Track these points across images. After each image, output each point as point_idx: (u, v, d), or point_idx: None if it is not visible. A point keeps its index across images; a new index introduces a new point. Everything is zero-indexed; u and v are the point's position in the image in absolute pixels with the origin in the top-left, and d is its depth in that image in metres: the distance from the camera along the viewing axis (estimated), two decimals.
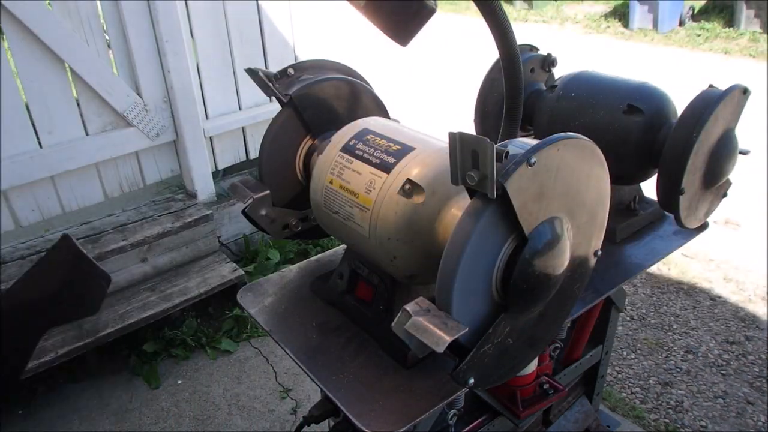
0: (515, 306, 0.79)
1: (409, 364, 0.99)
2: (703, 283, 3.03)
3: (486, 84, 1.45)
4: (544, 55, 1.45)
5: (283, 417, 2.27)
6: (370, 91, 1.22)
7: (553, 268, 0.80)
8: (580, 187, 0.82)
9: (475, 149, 0.68)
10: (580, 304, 1.16)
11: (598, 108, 1.27)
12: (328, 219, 1.05)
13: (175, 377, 2.47)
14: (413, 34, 0.92)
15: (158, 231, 2.59)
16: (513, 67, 1.00)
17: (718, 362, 2.49)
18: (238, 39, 2.89)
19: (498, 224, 0.74)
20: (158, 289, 2.56)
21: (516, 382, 1.29)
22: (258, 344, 2.64)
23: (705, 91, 1.18)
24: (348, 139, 1.03)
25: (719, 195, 1.32)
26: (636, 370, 2.48)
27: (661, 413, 2.25)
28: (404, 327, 0.73)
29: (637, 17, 8.14)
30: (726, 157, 1.20)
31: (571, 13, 9.46)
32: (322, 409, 1.17)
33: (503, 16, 0.93)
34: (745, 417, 2.21)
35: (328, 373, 1.00)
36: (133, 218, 2.65)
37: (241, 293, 1.23)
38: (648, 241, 1.38)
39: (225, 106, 2.98)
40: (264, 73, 1.10)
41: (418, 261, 0.94)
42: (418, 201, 0.90)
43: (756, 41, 7.21)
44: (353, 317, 1.12)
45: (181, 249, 2.68)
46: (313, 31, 3.18)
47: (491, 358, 0.81)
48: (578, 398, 1.75)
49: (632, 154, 1.25)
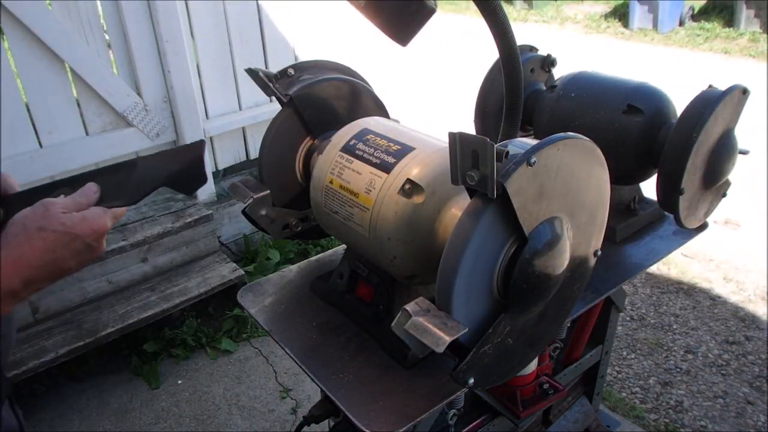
0: (515, 306, 0.79)
1: (409, 364, 0.99)
2: (703, 283, 3.04)
3: (486, 84, 1.45)
4: (544, 56, 1.45)
5: (283, 417, 2.27)
6: (370, 91, 1.22)
7: (553, 268, 0.80)
8: (580, 187, 0.82)
9: (475, 149, 0.68)
10: (580, 304, 1.16)
11: (598, 108, 1.27)
12: (328, 219, 1.05)
13: (175, 377, 2.47)
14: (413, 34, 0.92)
15: (158, 231, 2.59)
16: (513, 67, 1.00)
17: (717, 362, 2.49)
18: (238, 39, 2.89)
19: (498, 224, 0.74)
20: (158, 289, 2.56)
21: (516, 382, 1.29)
22: (258, 344, 2.64)
23: (705, 91, 1.18)
24: (348, 139, 1.03)
25: (719, 195, 1.32)
26: (636, 370, 2.48)
27: (661, 413, 2.25)
28: (404, 327, 0.73)
29: (637, 17, 8.14)
30: (726, 157, 1.20)
31: (571, 13, 9.46)
32: (322, 409, 1.17)
33: (503, 16, 0.93)
34: (745, 417, 2.21)
35: (328, 373, 1.00)
36: (133, 218, 2.65)
37: (241, 293, 1.23)
38: (648, 241, 1.38)
39: (225, 106, 2.98)
40: (264, 73, 1.10)
41: (418, 261, 0.94)
42: (418, 201, 0.90)
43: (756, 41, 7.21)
44: (353, 317, 1.12)
45: (181, 249, 2.69)
46: (313, 31, 3.18)
47: (491, 358, 0.81)
48: (578, 398, 1.75)
49: (632, 154, 1.25)
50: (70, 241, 0.75)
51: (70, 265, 0.76)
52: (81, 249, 0.77)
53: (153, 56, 2.59)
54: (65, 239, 0.75)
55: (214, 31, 2.81)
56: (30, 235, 0.74)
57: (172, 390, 2.40)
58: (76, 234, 0.76)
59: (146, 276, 2.61)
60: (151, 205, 2.79)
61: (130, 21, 2.48)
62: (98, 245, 0.79)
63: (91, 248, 0.78)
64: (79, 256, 0.77)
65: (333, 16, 3.23)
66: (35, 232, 0.74)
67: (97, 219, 0.78)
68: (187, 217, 2.68)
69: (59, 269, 0.76)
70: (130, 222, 2.63)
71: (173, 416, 2.29)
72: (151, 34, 2.55)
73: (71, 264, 0.77)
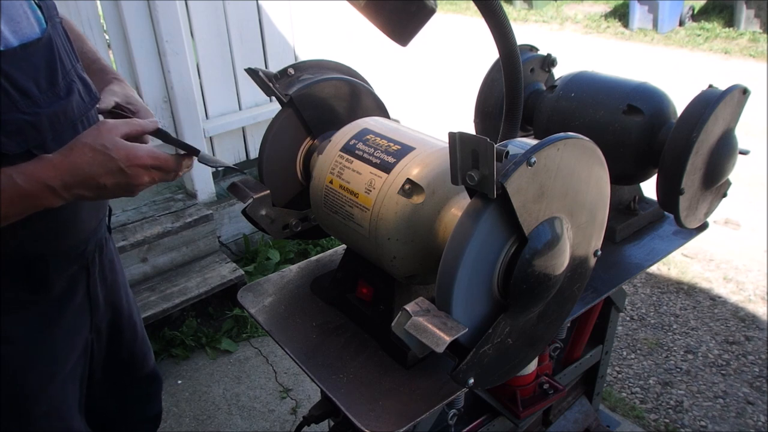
0: (515, 306, 0.79)
1: (409, 364, 0.99)
2: (703, 283, 3.04)
3: (486, 84, 1.45)
4: (544, 55, 1.45)
5: (283, 417, 2.27)
6: (370, 91, 1.22)
7: (553, 268, 0.80)
8: (580, 187, 0.82)
9: (475, 149, 0.68)
10: (580, 304, 1.16)
11: (598, 108, 1.27)
12: (328, 219, 1.05)
13: (175, 377, 2.47)
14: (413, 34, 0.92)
15: (158, 231, 2.59)
16: (513, 67, 1.00)
17: (718, 362, 2.49)
18: (238, 39, 2.89)
19: (498, 224, 0.74)
20: (158, 289, 2.56)
21: (516, 382, 1.29)
22: (258, 344, 2.64)
23: (705, 91, 1.18)
24: (348, 139, 1.03)
25: (719, 195, 1.32)
26: (636, 370, 2.48)
27: (661, 413, 2.25)
28: (404, 327, 0.73)
29: (637, 17, 8.14)
30: (726, 157, 1.20)
31: (571, 14, 9.46)
32: (322, 409, 1.16)
33: (503, 16, 0.93)
34: (745, 417, 2.21)
35: (328, 373, 1.00)
36: (133, 218, 2.65)
37: (241, 293, 1.23)
38: (648, 241, 1.39)
39: (225, 106, 2.98)
40: (264, 73, 1.10)
41: (418, 261, 0.94)
42: (418, 201, 0.90)
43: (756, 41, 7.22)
44: (353, 317, 1.12)
45: (181, 249, 2.68)
46: (313, 31, 3.18)
47: (491, 358, 0.81)
48: (578, 398, 1.75)
49: (632, 154, 1.25)
50: (106, 161, 0.86)
51: (105, 182, 0.87)
52: (115, 171, 0.87)
53: (153, 56, 2.59)
54: (102, 158, 0.86)
55: (214, 31, 2.81)
56: (77, 147, 0.86)
57: (171, 390, 2.40)
58: (112, 156, 0.87)
59: (146, 276, 2.61)
60: (151, 205, 2.79)
61: (130, 21, 2.48)
62: (132, 174, 0.89)
63: (125, 174, 0.88)
64: (113, 177, 0.88)
65: (333, 16, 3.23)
66: (81, 146, 0.86)
67: (135, 149, 0.89)
68: (187, 217, 2.68)
69: (95, 183, 0.87)
70: (130, 222, 2.63)
71: (173, 416, 2.29)
72: (151, 34, 2.55)
73: (106, 181, 0.87)
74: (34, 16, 0.93)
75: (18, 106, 0.87)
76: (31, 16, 0.92)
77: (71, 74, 0.99)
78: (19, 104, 0.87)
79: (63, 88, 0.95)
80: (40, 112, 0.90)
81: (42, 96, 0.91)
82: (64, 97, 0.95)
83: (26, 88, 0.88)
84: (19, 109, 0.87)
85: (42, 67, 0.91)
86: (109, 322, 1.26)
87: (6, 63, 0.85)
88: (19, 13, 0.90)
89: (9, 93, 0.85)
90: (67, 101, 0.95)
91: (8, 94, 0.85)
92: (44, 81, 0.91)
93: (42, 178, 0.84)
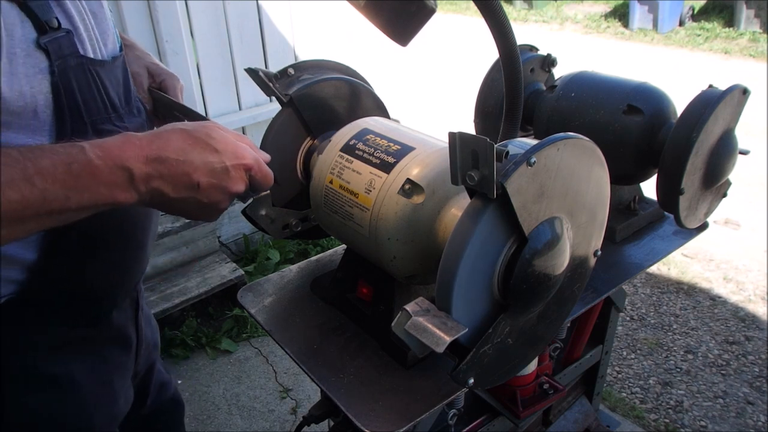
0: (515, 306, 0.79)
1: (409, 364, 0.99)
2: (703, 283, 3.04)
3: (486, 84, 1.45)
4: (544, 55, 1.45)
5: (283, 417, 2.27)
6: (370, 91, 1.22)
7: (553, 268, 0.80)
8: (580, 187, 0.82)
9: (475, 149, 0.68)
10: (580, 304, 1.16)
11: (598, 108, 1.27)
12: (328, 219, 1.05)
13: (175, 377, 2.46)
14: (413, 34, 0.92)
15: (158, 231, 2.58)
16: (513, 67, 1.00)
17: (717, 362, 2.49)
18: (238, 39, 2.89)
19: (498, 224, 0.74)
20: (158, 289, 2.55)
21: (516, 382, 1.29)
22: (258, 344, 2.64)
23: (705, 91, 1.18)
24: (348, 139, 1.03)
25: (719, 195, 1.32)
26: (636, 370, 2.48)
27: (661, 413, 2.25)
28: (404, 327, 0.73)
29: (637, 17, 8.14)
30: (726, 157, 1.20)
31: (571, 14, 9.47)
32: (322, 409, 1.16)
33: (503, 16, 0.93)
34: (745, 417, 2.21)
35: (328, 373, 1.00)
36: None
37: (241, 293, 1.23)
38: (648, 241, 1.39)
39: (225, 106, 2.98)
40: (264, 73, 1.10)
41: (417, 261, 0.94)
42: (418, 201, 0.90)
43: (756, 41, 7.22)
44: (353, 317, 1.12)
45: (181, 249, 2.68)
46: (313, 31, 3.18)
47: (491, 358, 0.81)
48: (578, 398, 1.75)
49: (632, 154, 1.25)
50: (208, 154, 0.71)
51: (198, 178, 0.71)
52: (216, 167, 0.72)
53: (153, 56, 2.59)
54: (204, 148, 0.71)
55: (214, 31, 2.81)
56: (173, 132, 0.72)
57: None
58: (216, 149, 0.72)
59: (146, 276, 2.60)
60: None
61: (130, 21, 2.47)
62: (235, 174, 0.74)
63: (227, 174, 0.73)
64: (211, 175, 0.72)
65: (333, 16, 3.23)
66: (179, 132, 0.72)
67: (244, 149, 0.76)
68: None
69: (186, 176, 0.70)
70: None
71: None
72: (151, 34, 2.55)
73: (200, 178, 0.71)
74: (115, 33, 0.92)
75: (111, 117, 0.84)
76: (114, 32, 0.91)
77: (136, 93, 0.97)
78: (111, 116, 0.84)
79: (134, 106, 0.93)
80: (127, 126, 0.86)
81: (123, 111, 0.88)
82: (137, 114, 0.93)
83: (114, 102, 0.86)
84: (111, 120, 0.84)
85: (122, 83, 0.89)
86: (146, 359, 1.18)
87: (103, 73, 0.83)
88: (109, 27, 0.89)
89: (105, 103, 0.83)
90: (140, 119, 0.93)
91: (104, 105, 0.82)
92: (123, 97, 0.89)
93: (121, 157, 0.66)
